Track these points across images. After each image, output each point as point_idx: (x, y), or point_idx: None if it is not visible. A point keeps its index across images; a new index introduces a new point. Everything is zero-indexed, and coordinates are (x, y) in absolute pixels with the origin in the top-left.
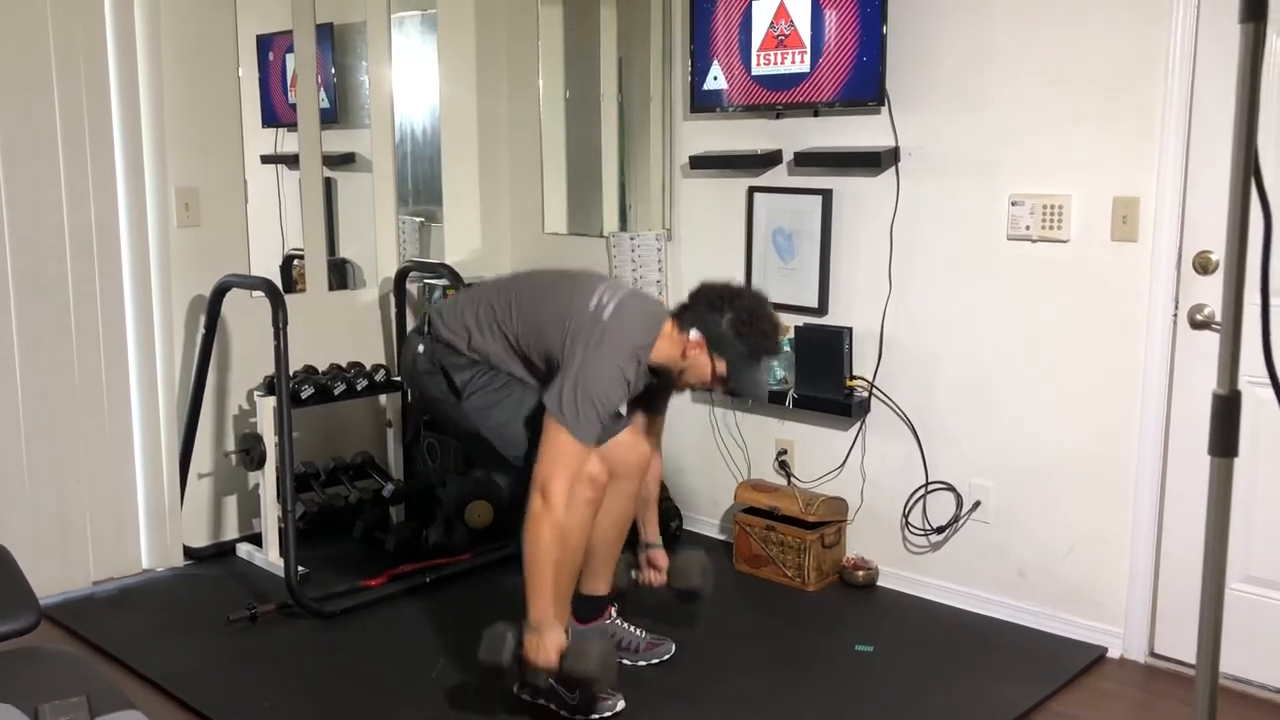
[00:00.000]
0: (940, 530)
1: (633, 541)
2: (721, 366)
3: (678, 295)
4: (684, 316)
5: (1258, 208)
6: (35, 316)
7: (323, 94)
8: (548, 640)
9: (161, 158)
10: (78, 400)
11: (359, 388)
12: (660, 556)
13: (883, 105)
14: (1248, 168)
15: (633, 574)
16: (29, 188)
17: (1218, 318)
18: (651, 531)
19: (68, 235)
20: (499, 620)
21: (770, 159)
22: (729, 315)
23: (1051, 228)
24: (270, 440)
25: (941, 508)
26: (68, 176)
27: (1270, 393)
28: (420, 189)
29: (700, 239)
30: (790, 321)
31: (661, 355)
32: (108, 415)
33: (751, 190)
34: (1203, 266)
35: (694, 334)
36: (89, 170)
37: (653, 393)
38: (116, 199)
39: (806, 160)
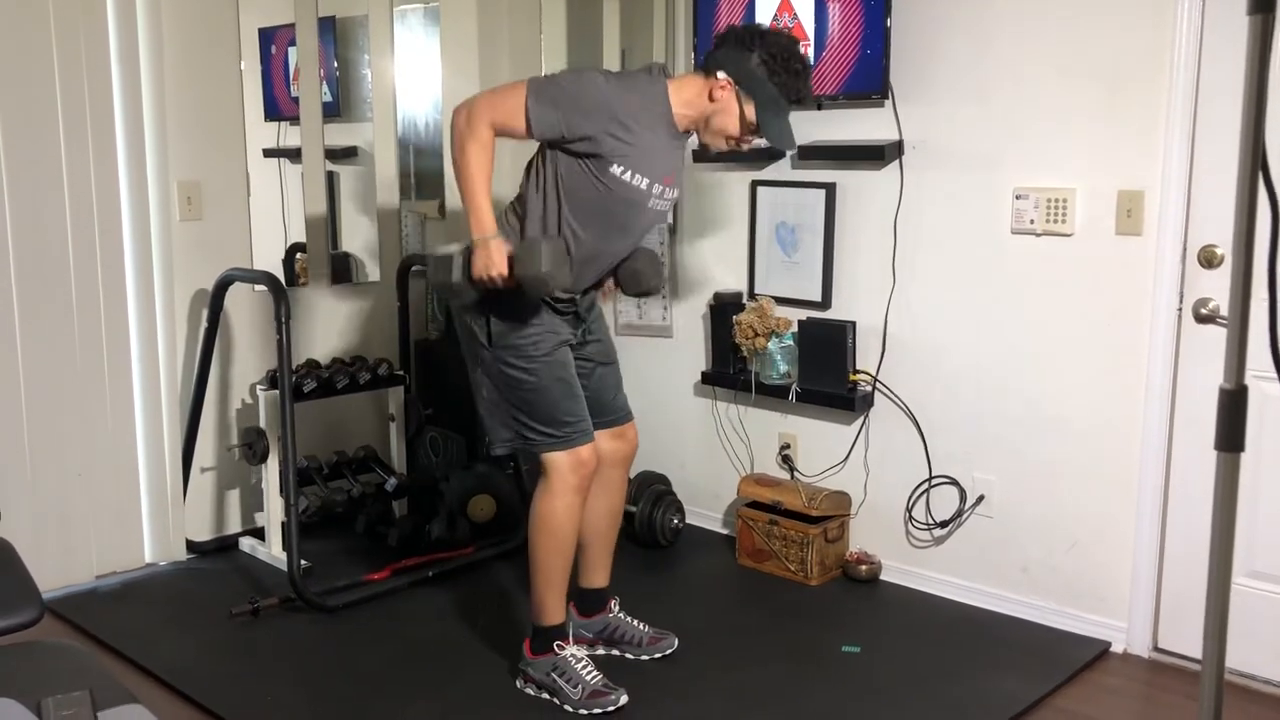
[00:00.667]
0: (943, 524)
1: None
2: (750, 111)
3: (681, 291)
4: (711, 57)
5: (1265, 201)
6: (38, 311)
7: (325, 87)
8: (494, 248)
9: (164, 152)
10: (80, 394)
11: (361, 382)
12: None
13: (886, 98)
14: (1255, 161)
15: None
16: (31, 181)
17: (1222, 312)
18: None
19: (70, 229)
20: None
21: (773, 152)
22: (758, 54)
23: (1056, 221)
24: (273, 434)
25: (945, 502)
26: (70, 171)
27: (1276, 387)
28: (423, 182)
29: (703, 233)
30: (793, 315)
31: (687, 103)
32: (110, 409)
33: (755, 184)
34: (1208, 260)
35: (721, 75)
36: (91, 165)
37: (606, 388)
38: (119, 193)
39: (810, 154)
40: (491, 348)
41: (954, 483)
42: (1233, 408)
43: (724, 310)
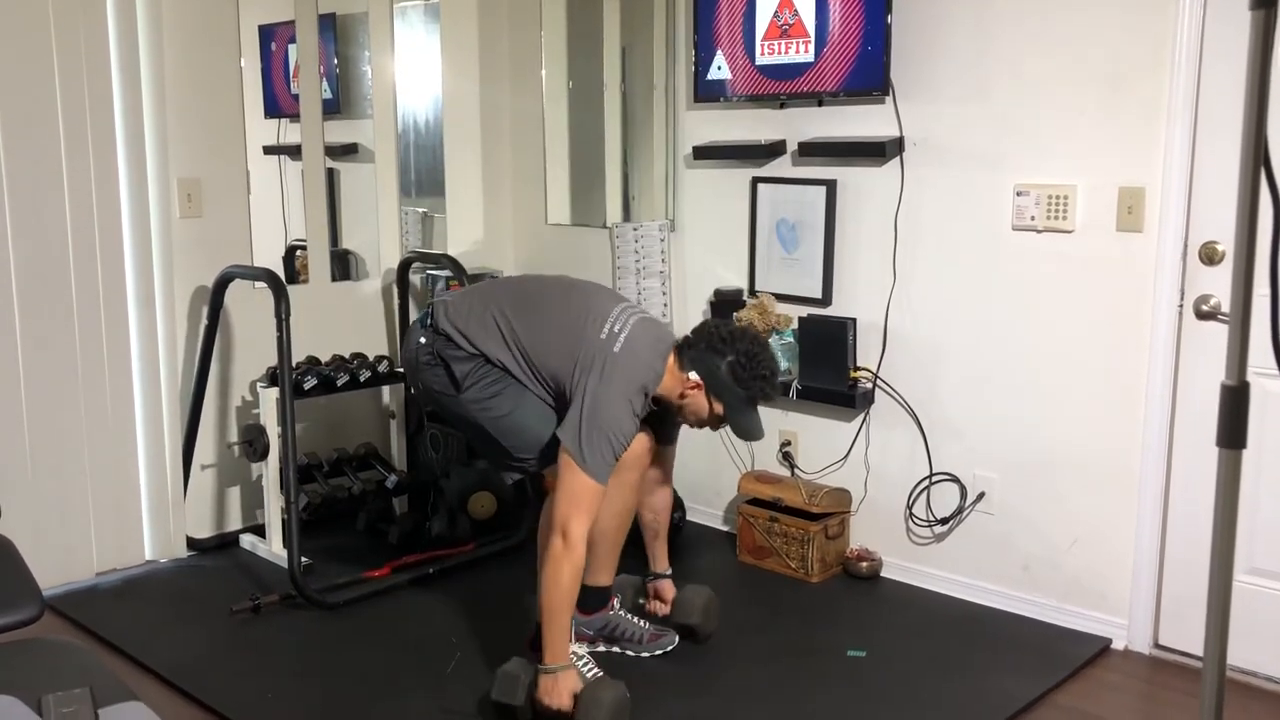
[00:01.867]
0: (944, 522)
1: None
2: (719, 408)
3: (681, 287)
4: (685, 355)
5: (1267, 198)
6: (38, 308)
7: (325, 84)
8: (563, 683)
9: (164, 149)
10: (80, 392)
11: (362, 379)
12: (667, 588)
13: (887, 95)
14: (1258, 157)
15: (640, 601)
16: (31, 180)
17: (1223, 308)
18: (661, 561)
19: (70, 227)
20: (514, 657)
21: (774, 149)
22: (729, 359)
23: (1056, 218)
24: (273, 431)
25: (945, 499)
26: (70, 168)
27: (1278, 384)
28: (423, 180)
29: (704, 230)
30: (794, 312)
31: (664, 389)
32: (110, 407)
33: (755, 180)
34: (1209, 257)
35: (693, 375)
36: (91, 162)
37: (660, 420)
38: (119, 190)
39: (810, 150)
40: (459, 394)
41: (955, 480)
42: (1234, 404)
43: (724, 307)
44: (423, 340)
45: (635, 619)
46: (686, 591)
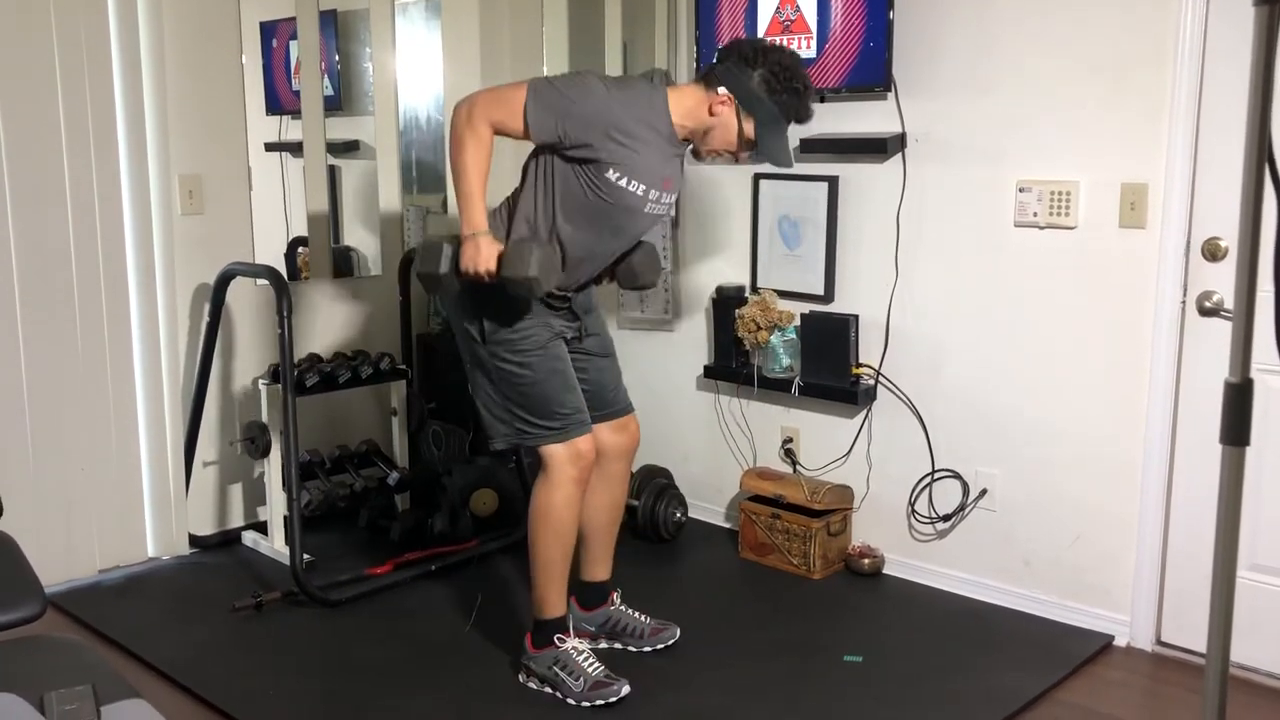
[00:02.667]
0: (946, 518)
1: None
2: (749, 127)
3: (683, 282)
4: (713, 71)
5: (1271, 194)
6: (40, 305)
7: (326, 81)
8: (483, 245)
9: (165, 145)
10: (82, 389)
11: (364, 376)
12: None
13: (889, 91)
14: (1261, 153)
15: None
16: (33, 177)
17: (1226, 305)
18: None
19: (72, 224)
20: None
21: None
22: (760, 71)
23: (1059, 214)
24: (275, 428)
25: (947, 496)
26: (71, 166)
27: None
28: (424, 176)
29: (706, 226)
30: (796, 309)
31: (686, 113)
32: (112, 404)
33: (757, 177)
34: (1211, 253)
35: (722, 90)
36: (92, 159)
37: (605, 384)
38: (120, 187)
39: (812, 147)
40: (485, 344)
41: (957, 476)
42: (1238, 401)
43: (726, 304)
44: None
45: (636, 614)
46: (622, 261)
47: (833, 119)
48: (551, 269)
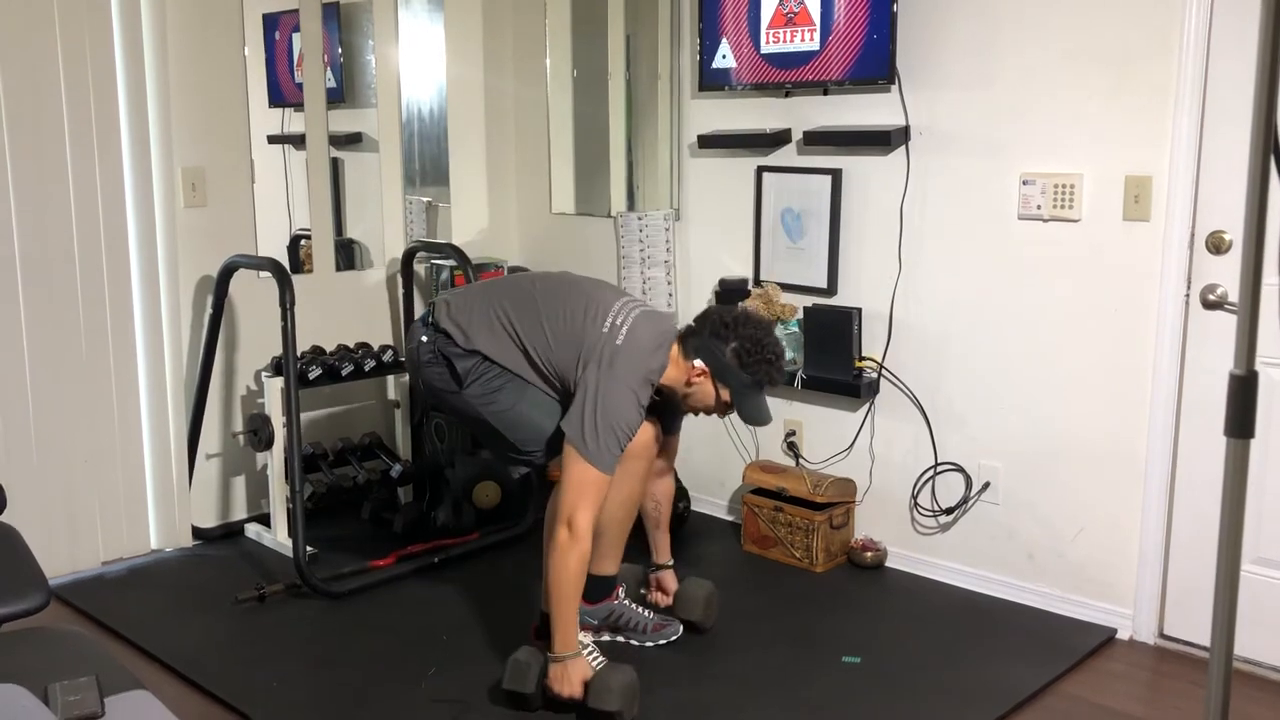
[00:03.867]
0: (949, 511)
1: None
2: (726, 394)
3: (686, 275)
4: (688, 343)
5: (1276, 186)
6: (43, 297)
7: (329, 73)
8: (573, 671)
9: (167, 138)
10: (85, 381)
11: (366, 368)
12: (669, 579)
13: (893, 83)
14: (1267, 146)
15: (641, 591)
16: (36, 170)
17: (1230, 298)
18: (663, 553)
19: (74, 216)
20: (523, 646)
21: (779, 138)
22: (733, 344)
23: (1063, 207)
24: (278, 421)
25: (950, 489)
26: (74, 158)
27: None
28: (427, 169)
29: (708, 219)
30: (799, 302)
31: (668, 379)
32: (116, 396)
33: (760, 169)
34: (1216, 246)
35: (698, 363)
36: (95, 151)
37: (665, 410)
38: (123, 179)
39: (816, 139)
40: (462, 390)
41: (960, 470)
42: (1243, 394)
43: (729, 296)
44: (424, 339)
45: (640, 608)
46: (688, 585)
47: (836, 112)
48: (634, 696)
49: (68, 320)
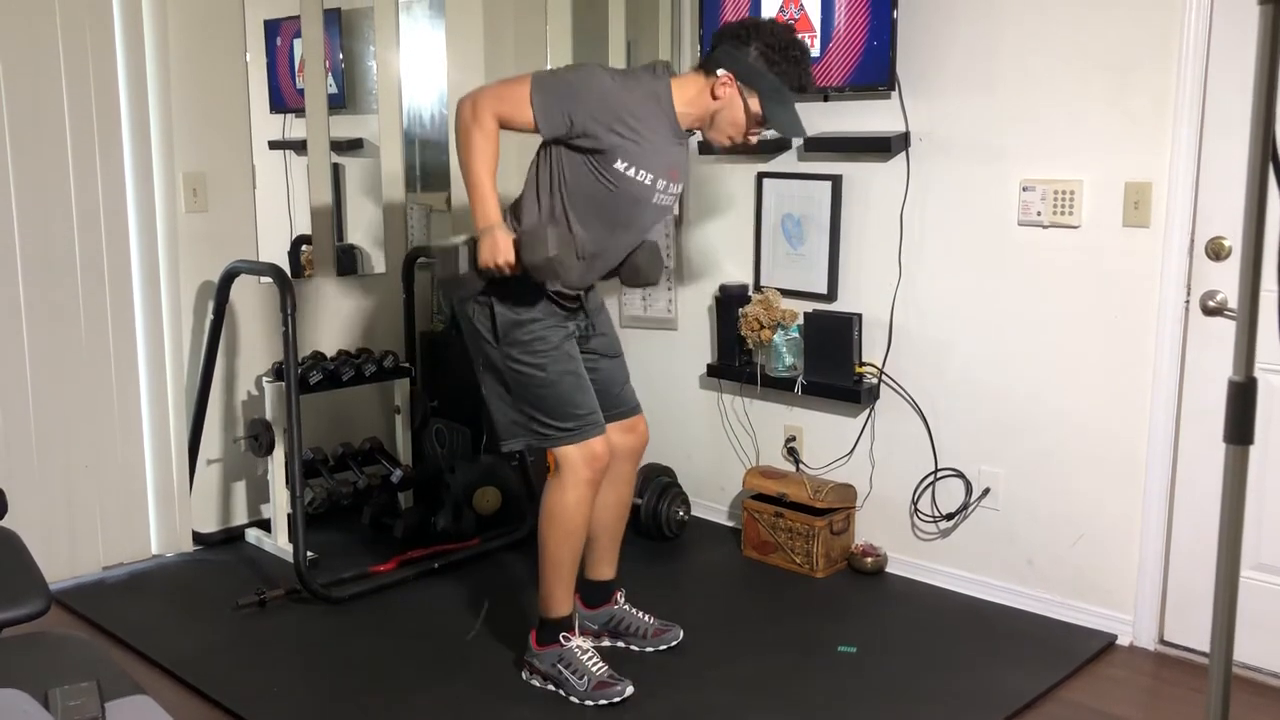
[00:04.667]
0: (949, 517)
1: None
2: (755, 103)
3: (686, 283)
4: (709, 57)
5: (1275, 193)
6: (44, 302)
7: (330, 79)
8: (499, 237)
9: (169, 143)
10: (86, 386)
11: (367, 374)
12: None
13: (893, 90)
14: (1266, 153)
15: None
16: (37, 174)
17: (1230, 304)
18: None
19: (76, 221)
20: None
21: (779, 144)
22: (756, 46)
23: (1063, 213)
24: (279, 426)
25: (950, 495)
26: (75, 162)
27: None
28: (428, 175)
29: (709, 225)
30: (799, 308)
31: (690, 103)
32: (116, 401)
33: (760, 176)
34: (1215, 253)
35: (721, 72)
36: (97, 156)
37: (613, 382)
38: (124, 185)
39: (816, 145)
40: (499, 345)
41: (960, 475)
42: (1242, 400)
43: (730, 302)
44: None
45: (640, 613)
46: (625, 259)
47: (836, 118)
48: (568, 248)
49: (69, 325)
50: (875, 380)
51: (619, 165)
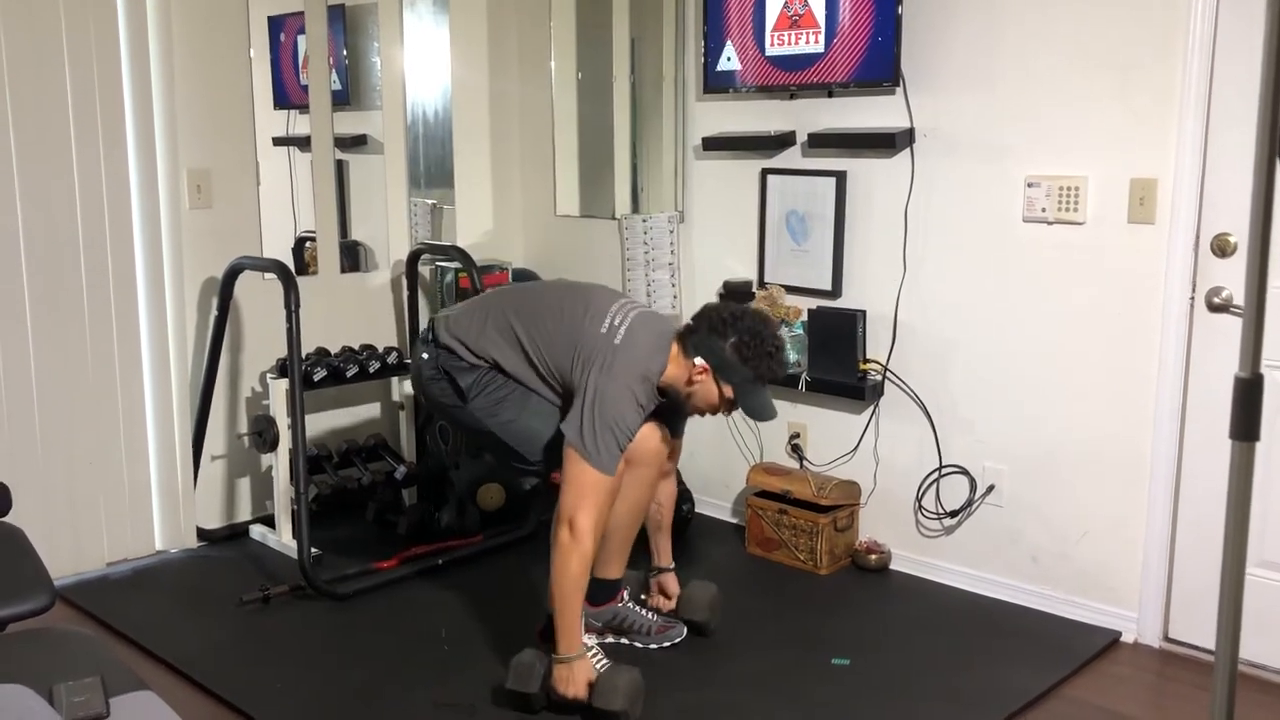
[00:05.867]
0: (953, 514)
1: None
2: (729, 391)
3: (690, 280)
4: (688, 341)
5: None
6: (49, 299)
7: (334, 76)
8: (578, 672)
9: (173, 140)
10: (91, 382)
11: (371, 370)
12: (671, 582)
13: (897, 86)
14: (1273, 148)
15: (642, 596)
16: (42, 170)
17: (1236, 301)
18: (664, 555)
19: (80, 218)
20: (526, 648)
21: (784, 140)
22: (732, 340)
23: (1067, 210)
24: (283, 422)
25: (955, 491)
26: (80, 160)
27: None
28: (432, 171)
29: (713, 221)
30: (803, 304)
31: (670, 379)
32: (121, 397)
33: (765, 172)
34: (1221, 249)
35: (699, 361)
36: (101, 153)
37: (668, 413)
38: (129, 181)
39: (820, 142)
40: (466, 403)
41: (964, 472)
42: (1248, 396)
43: (734, 298)
44: (425, 356)
45: (644, 611)
46: (693, 588)
47: (840, 114)
48: (638, 698)
49: (73, 321)
50: (879, 377)
51: None
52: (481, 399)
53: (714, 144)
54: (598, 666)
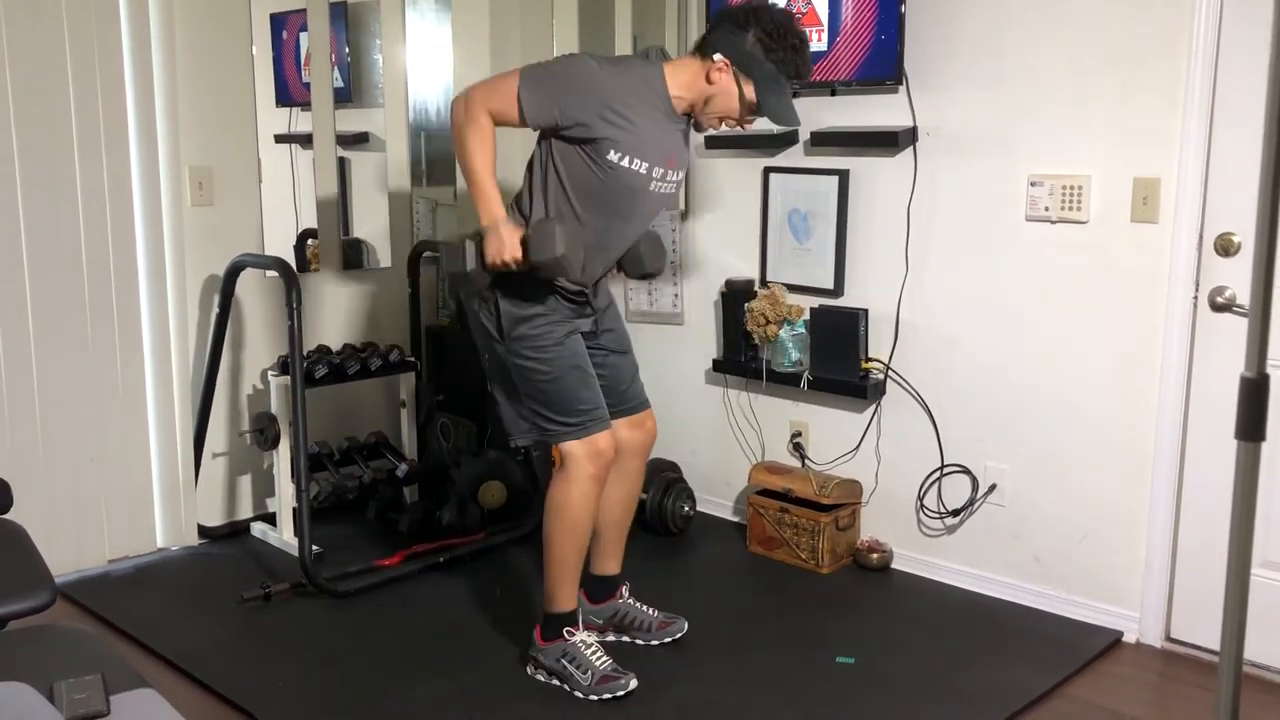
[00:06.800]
0: (955, 513)
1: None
2: (750, 90)
3: (692, 278)
4: (706, 41)
5: None
6: (50, 296)
7: (336, 73)
8: (505, 233)
9: (175, 137)
10: (92, 379)
11: (373, 368)
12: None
13: (901, 84)
14: (1278, 147)
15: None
16: (43, 168)
17: (1239, 300)
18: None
19: (82, 214)
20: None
21: (786, 139)
22: (754, 32)
23: (1071, 209)
24: (284, 420)
25: (956, 490)
26: (82, 157)
27: None
28: (434, 168)
29: (715, 219)
30: (805, 303)
31: (685, 87)
32: (122, 394)
33: (767, 170)
34: (1224, 248)
35: (718, 56)
36: (103, 150)
37: (625, 375)
38: (130, 178)
39: (823, 140)
40: (504, 341)
41: (966, 471)
42: (1254, 396)
43: (736, 297)
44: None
45: (644, 607)
46: (635, 248)
47: (843, 112)
48: (576, 244)
49: (75, 318)
50: (881, 376)
51: (612, 155)
52: (520, 345)
53: (716, 142)
54: (598, 664)
